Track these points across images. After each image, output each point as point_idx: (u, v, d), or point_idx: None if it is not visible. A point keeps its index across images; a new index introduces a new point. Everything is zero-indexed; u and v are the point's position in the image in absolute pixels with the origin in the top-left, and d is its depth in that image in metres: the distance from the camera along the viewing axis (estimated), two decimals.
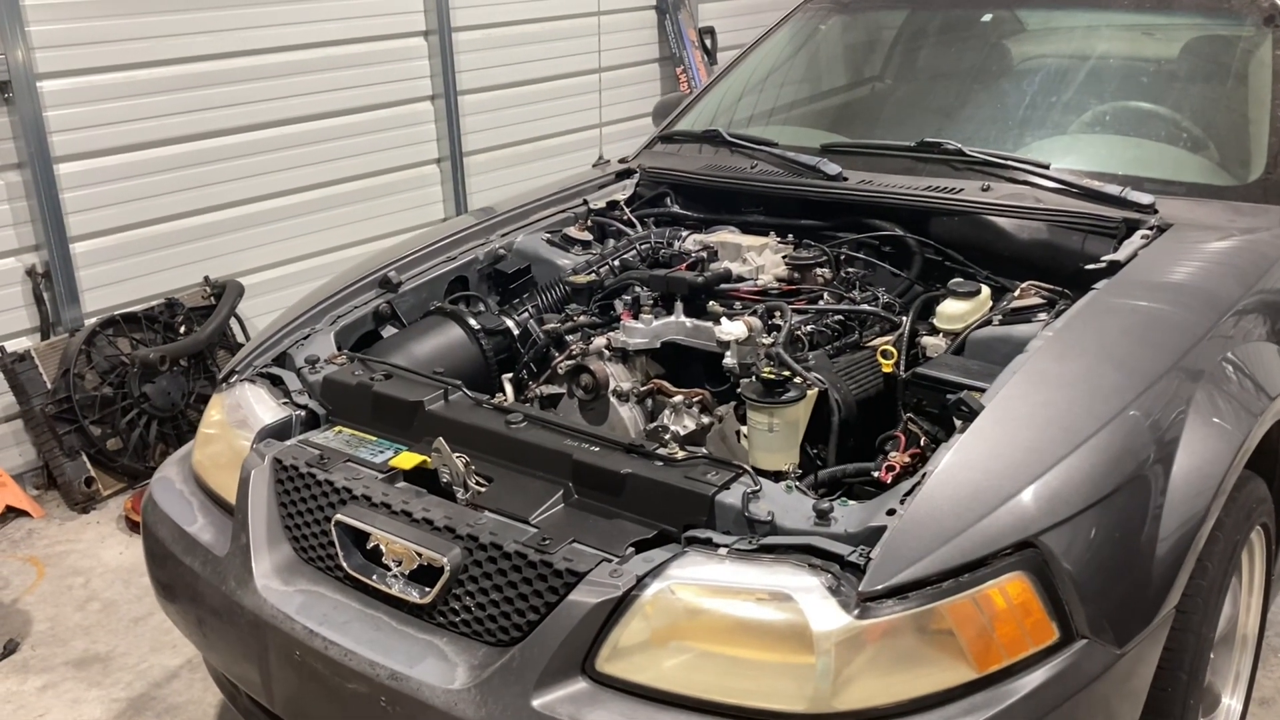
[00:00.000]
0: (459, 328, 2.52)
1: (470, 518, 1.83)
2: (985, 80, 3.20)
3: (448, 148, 5.06)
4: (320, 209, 4.66)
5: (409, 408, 2.07)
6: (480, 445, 1.97)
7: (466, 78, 5.07)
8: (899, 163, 2.76)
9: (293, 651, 1.87)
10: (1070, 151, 2.74)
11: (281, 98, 4.44)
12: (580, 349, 2.40)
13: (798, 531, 1.66)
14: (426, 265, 2.72)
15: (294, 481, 2.03)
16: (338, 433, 2.15)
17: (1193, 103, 2.80)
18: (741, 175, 2.91)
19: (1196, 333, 1.99)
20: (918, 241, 2.60)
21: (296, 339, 2.43)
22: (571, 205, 3.04)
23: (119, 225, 4.01)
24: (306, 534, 2.00)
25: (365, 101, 4.73)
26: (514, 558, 1.73)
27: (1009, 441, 1.72)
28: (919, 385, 2.03)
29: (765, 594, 1.58)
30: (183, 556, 2.11)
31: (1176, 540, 1.75)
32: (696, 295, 2.43)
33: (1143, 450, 1.76)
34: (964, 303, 2.25)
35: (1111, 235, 2.39)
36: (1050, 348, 1.91)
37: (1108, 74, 2.95)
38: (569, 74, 5.46)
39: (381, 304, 2.59)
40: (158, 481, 2.33)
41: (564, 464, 1.86)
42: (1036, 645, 1.60)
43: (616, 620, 1.62)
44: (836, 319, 2.35)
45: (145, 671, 2.88)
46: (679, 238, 2.74)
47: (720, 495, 1.71)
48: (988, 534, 1.59)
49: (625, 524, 1.76)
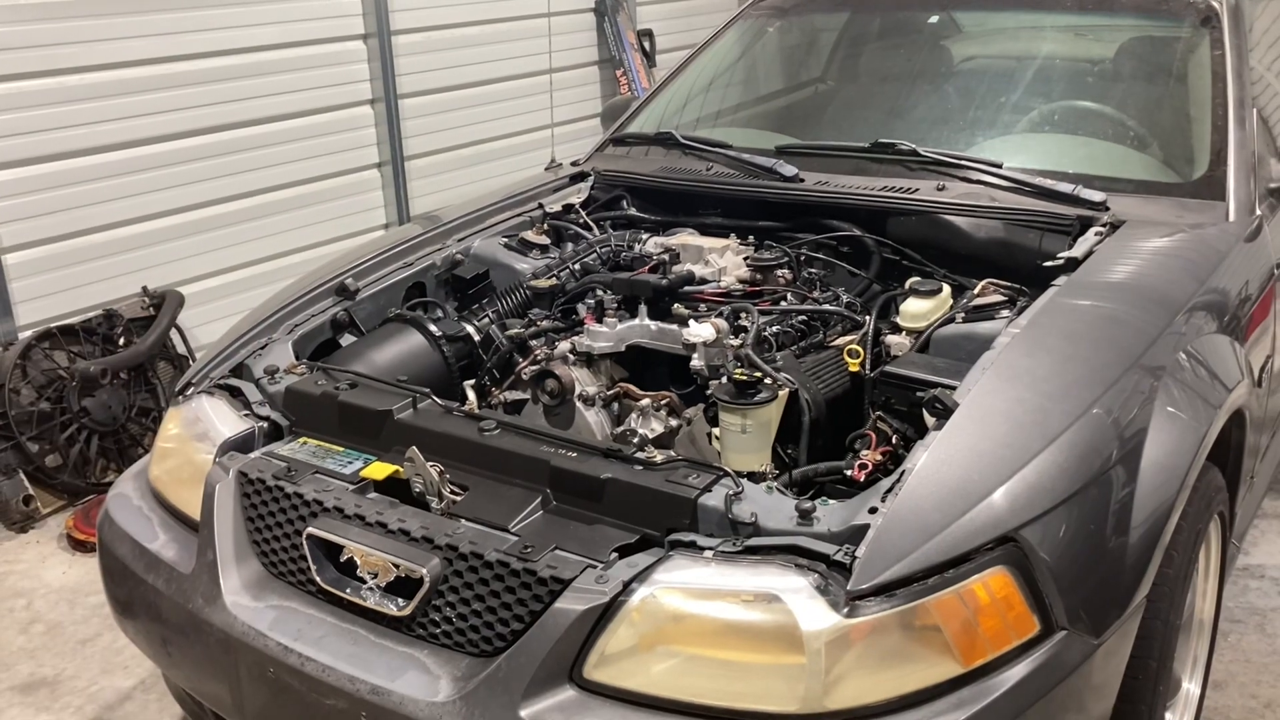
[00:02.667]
0: (419, 334, 2.49)
1: (448, 527, 1.80)
2: (929, 82, 3.23)
3: (389, 152, 5.00)
4: (260, 216, 4.57)
5: (377, 417, 2.04)
6: (453, 454, 1.94)
7: (407, 81, 5.02)
8: (854, 163, 2.79)
9: (266, 669, 1.83)
10: (1020, 151, 2.78)
11: (219, 103, 4.34)
12: (545, 354, 2.39)
13: (781, 532, 1.66)
14: (383, 272, 2.68)
15: (261, 495, 1.99)
16: (303, 444, 2.11)
17: (1137, 102, 2.87)
18: (699, 178, 2.91)
19: (1157, 327, 2.03)
20: (875, 241, 2.62)
21: (253, 349, 2.38)
22: (526, 209, 3.01)
23: (52, 235, 3.90)
24: (276, 548, 1.96)
25: (304, 106, 4.66)
26: (496, 566, 1.71)
27: (986, 438, 1.74)
28: (888, 384, 2.05)
29: (753, 595, 1.57)
30: (144, 574, 2.06)
31: (1146, 531, 1.78)
32: (660, 298, 2.42)
33: (1113, 444, 1.79)
34: (926, 301, 2.28)
35: (1066, 232, 2.43)
36: (1018, 344, 1.94)
37: (1053, 74, 3.01)
38: (510, 76, 5.44)
39: (339, 311, 2.54)
40: (114, 498, 2.26)
41: (541, 470, 1.84)
42: (1020, 638, 1.62)
43: (604, 627, 1.61)
44: (801, 319, 2.36)
45: (96, 694, 2.80)
46: (639, 240, 2.74)
47: (703, 498, 1.70)
48: (969, 529, 1.61)
49: (607, 529, 1.75)
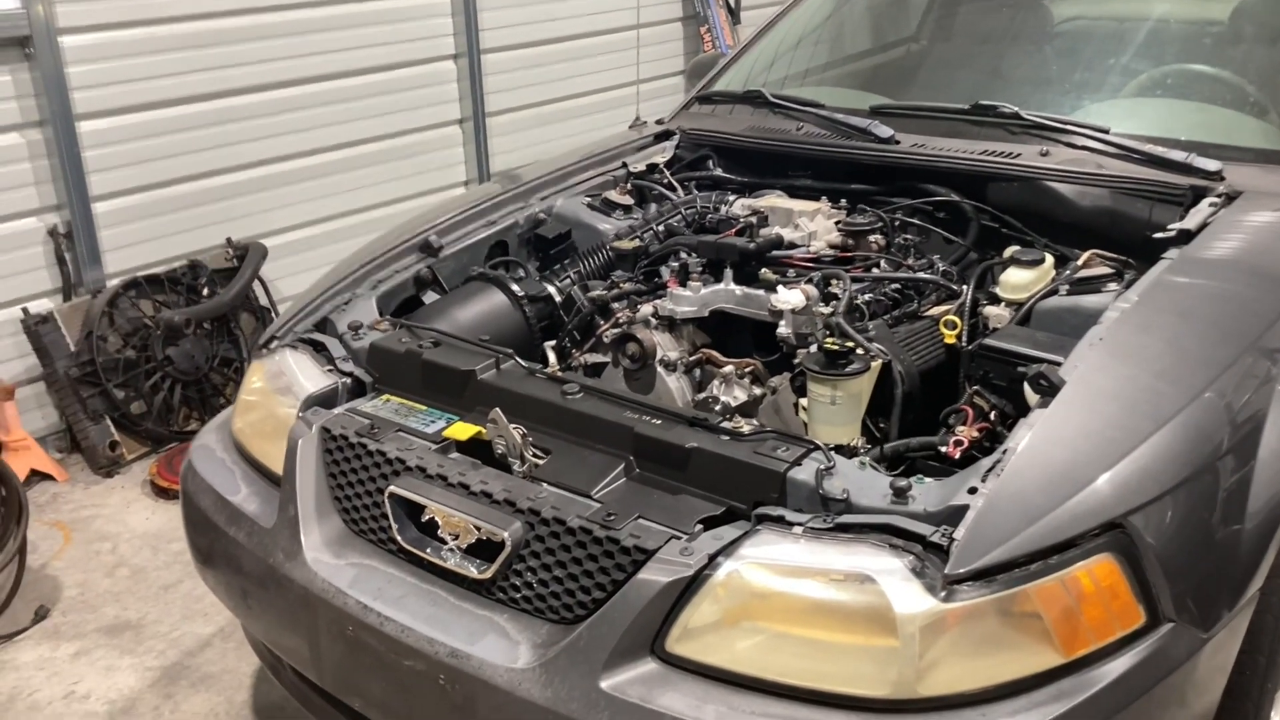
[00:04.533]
0: (502, 294, 2.46)
1: (530, 491, 1.77)
2: (1029, 42, 3.10)
3: (470, 108, 4.97)
4: (342, 170, 4.58)
5: (460, 377, 2.01)
6: (535, 416, 1.91)
7: (490, 36, 4.97)
8: (952, 126, 2.67)
9: (345, 627, 1.82)
10: (1128, 116, 2.65)
11: (304, 55, 4.34)
12: (627, 317, 2.34)
13: (874, 510, 1.60)
14: (466, 229, 2.64)
15: (344, 452, 1.97)
16: (386, 401, 2.09)
17: (1256, 66, 2.71)
18: (788, 138, 2.82)
19: (1278, 308, 1.91)
20: (974, 207, 2.52)
21: (337, 304, 2.36)
22: (610, 168, 2.95)
23: (141, 185, 3.94)
24: (358, 506, 1.94)
25: (387, 60, 4.63)
26: (578, 533, 1.67)
27: (1094, 418, 1.65)
28: (986, 357, 1.97)
29: (845, 575, 1.52)
30: (226, 527, 2.06)
31: (1262, 521, 1.69)
32: (747, 262, 2.35)
33: (1228, 428, 1.69)
34: (1028, 271, 2.18)
35: (1178, 203, 2.31)
36: (1129, 320, 1.84)
37: (1164, 36, 2.86)
38: (594, 33, 5.36)
39: (422, 269, 2.52)
40: (198, 449, 2.27)
41: (625, 437, 1.80)
42: (1124, 629, 1.54)
43: (687, 600, 1.57)
44: (894, 287, 2.28)
45: (178, 640, 2.84)
46: (726, 202, 2.67)
47: (793, 472, 1.64)
48: (1075, 514, 1.53)
49: (691, 500, 1.70)
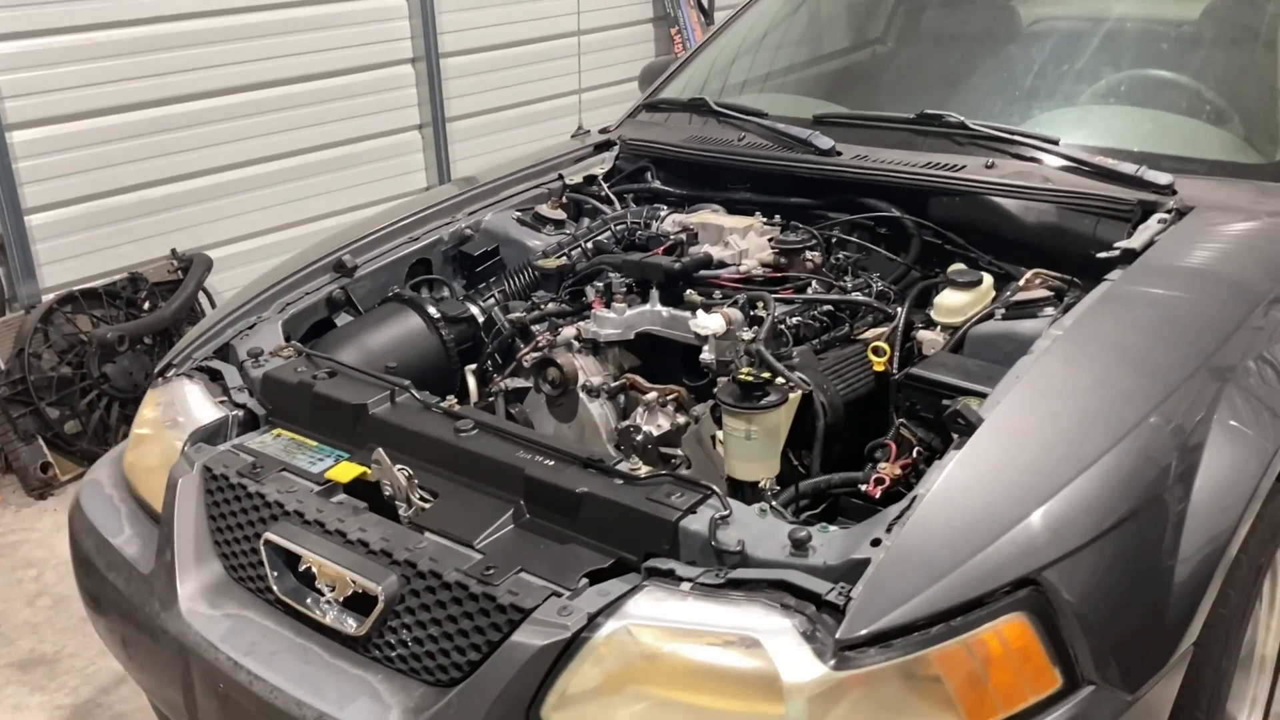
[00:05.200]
0: (417, 316, 2.33)
1: (410, 540, 1.65)
2: (991, 45, 2.97)
3: (429, 113, 4.84)
4: (295, 178, 4.46)
5: (351, 411, 1.89)
6: (427, 455, 1.78)
7: (449, 39, 4.84)
8: (897, 136, 2.55)
9: (216, 683, 1.70)
10: (1081, 125, 2.52)
11: (253, 60, 4.22)
12: (547, 340, 2.22)
13: (771, 563, 1.47)
14: (387, 246, 2.52)
15: (224, 493, 1.85)
16: (276, 436, 1.97)
17: (1216, 71, 2.58)
18: (727, 149, 2.69)
19: (1222, 330, 1.79)
20: (915, 223, 2.39)
21: (241, 329, 2.25)
22: (546, 180, 2.83)
23: (79, 196, 3.82)
24: (237, 551, 1.82)
25: (342, 64, 4.51)
26: (454, 588, 1.55)
27: (1011, 462, 1.52)
28: (913, 387, 1.84)
29: (732, 637, 1.39)
30: (106, 571, 1.94)
31: (1197, 567, 1.56)
32: (674, 282, 2.23)
33: (1161, 469, 1.57)
34: (964, 293, 2.05)
35: (1125, 219, 2.18)
36: (1058, 350, 1.71)
37: (1127, 38, 2.73)
38: (559, 35, 5.23)
39: (335, 290, 2.39)
40: (87, 485, 2.15)
41: (515, 479, 1.67)
42: (1037, 694, 1.41)
43: (565, 664, 1.44)
44: (826, 310, 2.16)
45: (92, 675, 2.72)
46: (658, 217, 2.54)
47: (685, 521, 1.52)
48: (984, 570, 1.41)
49: (580, 550, 1.58)
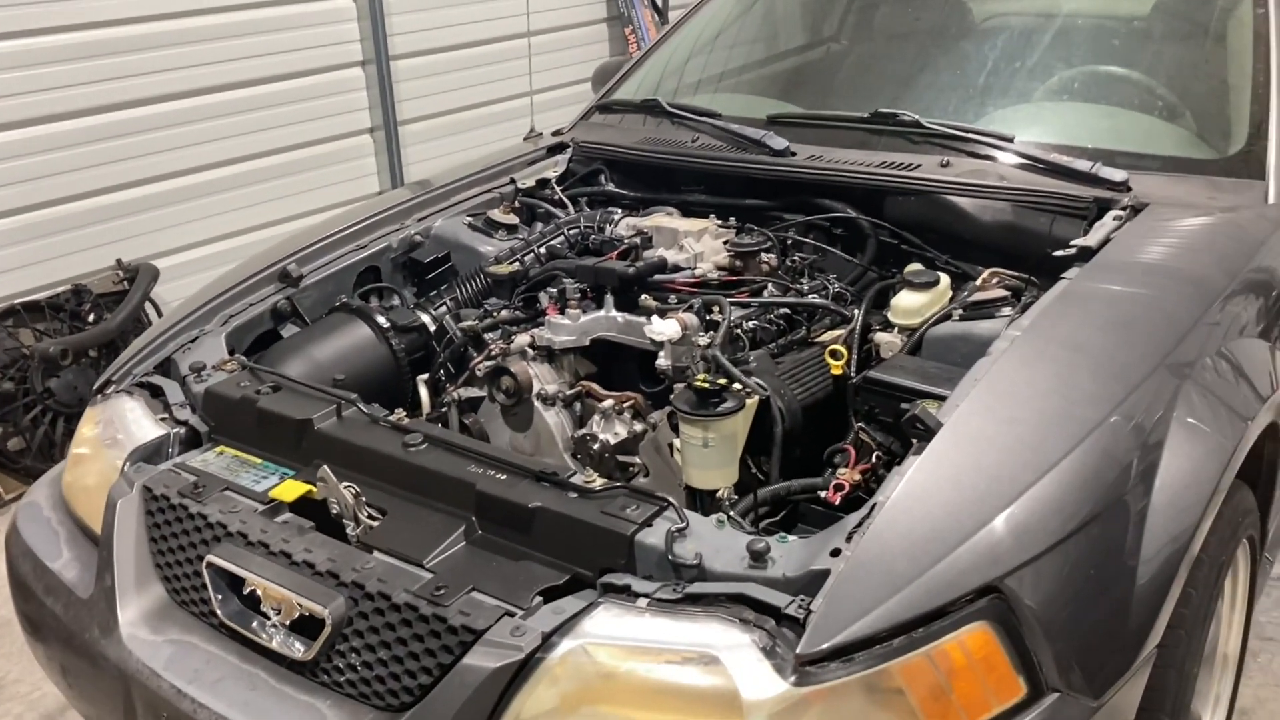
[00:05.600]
0: (366, 326, 2.27)
1: (357, 561, 1.59)
2: (943, 42, 2.95)
3: (381, 116, 4.77)
4: (244, 184, 4.37)
5: (296, 426, 1.83)
6: (375, 471, 1.73)
7: (399, 41, 4.77)
8: (852, 135, 2.52)
9: (160, 712, 1.64)
10: (1035, 122, 2.50)
11: (199, 65, 4.13)
12: (500, 348, 2.17)
13: (730, 576, 1.43)
14: (334, 255, 2.46)
15: (165, 514, 1.79)
16: (219, 454, 1.91)
17: (1168, 67, 2.58)
18: (681, 150, 2.66)
19: (1179, 328, 1.77)
20: (871, 224, 2.37)
21: (183, 342, 2.18)
22: (498, 184, 2.78)
23: (18, 206, 3.71)
24: (179, 575, 1.76)
25: (289, 68, 4.43)
26: (404, 610, 1.50)
27: (970, 467, 1.50)
28: (871, 391, 1.82)
29: (690, 654, 1.36)
30: (44, 596, 1.87)
31: (1159, 569, 1.54)
32: (628, 287, 2.19)
33: (1122, 469, 1.55)
34: (921, 294, 2.03)
35: (1081, 216, 2.17)
36: (1016, 351, 1.69)
37: (1076, 35, 2.72)
38: (511, 36, 5.17)
39: (280, 300, 2.33)
40: (24, 507, 2.08)
41: (466, 494, 1.62)
42: (1001, 704, 1.39)
43: (520, 685, 1.40)
44: (782, 313, 2.13)
45: (37, 701, 2.64)
46: (611, 221, 2.50)
47: (641, 534, 1.48)
48: (946, 579, 1.38)
49: (533, 567, 1.53)
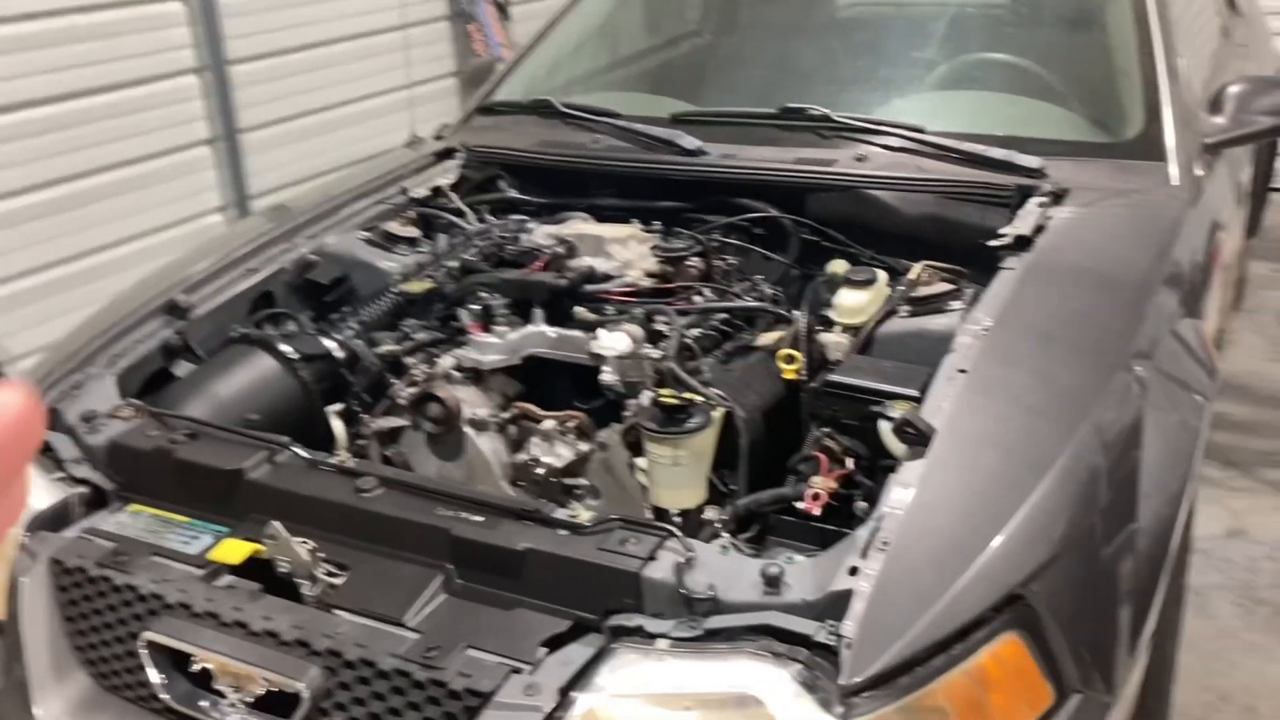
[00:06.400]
0: (269, 357, 2.08)
1: (327, 624, 1.44)
2: (818, 33, 2.96)
3: (220, 126, 4.46)
4: (74, 206, 3.98)
5: (224, 478, 1.65)
6: (325, 521, 1.57)
7: (236, 45, 4.47)
8: (761, 132, 2.47)
9: None
10: (941, 112, 2.51)
11: (11, 78, 3.75)
12: (424, 372, 2.02)
13: (746, 606, 1.35)
14: (223, 281, 2.25)
15: (82, 589, 1.58)
16: (135, 513, 1.70)
17: (1057, 53, 2.64)
18: (586, 153, 2.55)
19: (1137, 314, 1.79)
20: (794, 222, 2.33)
21: (65, 389, 1.94)
22: (388, 195, 2.61)
23: None
24: (108, 657, 1.56)
25: (113, 79, 4.05)
26: (393, 676, 1.36)
27: (976, 471, 1.46)
28: (833, 395, 1.76)
29: (727, 698, 1.27)
30: None
31: (1151, 554, 1.55)
32: (559, 300, 2.08)
33: (1110, 461, 1.54)
34: (862, 292, 1.99)
35: (1006, 204, 2.18)
36: (989, 348, 1.66)
37: (968, 23, 2.76)
38: (355, 35, 4.92)
39: (170, 335, 2.11)
40: None
41: (439, 541, 1.49)
42: (1035, 712, 1.36)
43: None
44: (721, 318, 2.06)
45: None
46: (525, 230, 2.38)
47: (648, 570, 1.38)
48: (974, 590, 1.33)
49: (529, 615, 1.41)
